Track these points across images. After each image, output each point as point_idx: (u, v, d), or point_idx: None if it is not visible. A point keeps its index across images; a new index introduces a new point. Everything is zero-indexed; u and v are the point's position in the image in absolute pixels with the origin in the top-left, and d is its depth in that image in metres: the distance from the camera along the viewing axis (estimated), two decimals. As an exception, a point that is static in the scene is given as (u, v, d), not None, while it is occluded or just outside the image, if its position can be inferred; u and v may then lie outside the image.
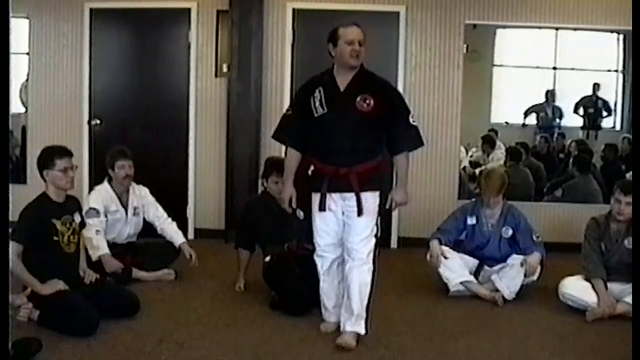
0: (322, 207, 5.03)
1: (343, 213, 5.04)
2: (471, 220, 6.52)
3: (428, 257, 6.34)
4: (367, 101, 4.92)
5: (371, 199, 4.99)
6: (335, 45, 4.95)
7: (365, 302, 5.02)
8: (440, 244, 6.38)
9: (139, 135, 8.28)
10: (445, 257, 6.31)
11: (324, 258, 5.19)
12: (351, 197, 4.96)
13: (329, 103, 4.94)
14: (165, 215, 6.80)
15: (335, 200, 5.02)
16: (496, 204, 6.45)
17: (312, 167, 5.13)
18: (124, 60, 8.51)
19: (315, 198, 5.08)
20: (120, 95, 8.47)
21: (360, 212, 4.95)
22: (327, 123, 4.95)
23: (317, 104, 4.95)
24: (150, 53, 8.46)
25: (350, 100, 4.93)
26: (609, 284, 5.92)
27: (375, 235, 5.03)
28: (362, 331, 5.03)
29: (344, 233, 5.07)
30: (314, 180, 5.10)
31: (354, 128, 4.96)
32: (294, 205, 5.24)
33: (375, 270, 5.04)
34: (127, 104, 8.48)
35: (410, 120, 5.07)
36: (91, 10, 8.29)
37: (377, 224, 5.04)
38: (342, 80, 4.99)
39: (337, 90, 4.98)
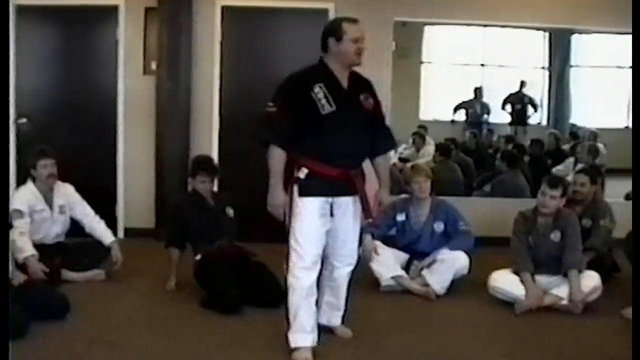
0: (332, 213, 4.71)
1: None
2: (400, 217, 6.57)
3: (361, 251, 6.29)
4: (369, 100, 4.81)
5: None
6: (338, 40, 4.62)
7: None
8: (373, 238, 6.42)
9: (67, 134, 8.15)
10: (377, 253, 6.35)
11: (310, 272, 4.71)
12: (349, 200, 4.77)
13: (336, 101, 4.61)
14: (92, 213, 6.72)
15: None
16: (425, 199, 6.52)
17: (304, 170, 4.64)
18: (51, 58, 8.38)
19: (309, 203, 4.65)
20: (47, 94, 8.34)
21: (371, 215, 4.89)
22: (337, 122, 4.61)
23: (324, 100, 4.58)
24: (78, 51, 8.34)
25: (356, 99, 4.75)
26: (536, 277, 6.02)
27: None
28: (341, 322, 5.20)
29: (334, 239, 4.85)
30: (308, 184, 4.64)
31: (361, 128, 4.78)
32: (287, 212, 4.68)
33: None
34: (54, 102, 8.35)
35: (386, 121, 5.07)
36: (17, 7, 8.14)
37: None
38: (342, 78, 4.71)
39: (341, 88, 4.70)
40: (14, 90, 8.13)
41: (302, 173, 4.65)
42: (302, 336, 4.76)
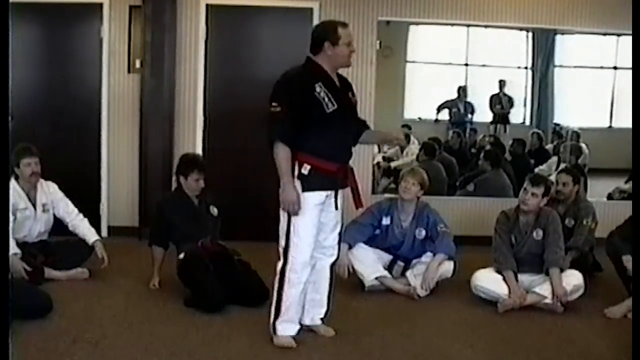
0: (336, 206, 4.94)
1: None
2: (386, 221, 6.52)
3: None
4: (354, 97, 5.08)
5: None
6: (334, 44, 4.81)
7: None
8: (350, 248, 6.35)
9: (50, 133, 8.13)
10: (348, 274, 6.30)
11: (308, 266, 4.92)
12: (339, 193, 4.97)
13: (336, 99, 4.81)
14: (76, 211, 6.70)
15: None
16: (410, 202, 6.47)
17: (306, 166, 4.79)
18: (35, 56, 8.33)
19: (311, 198, 4.81)
20: (30, 92, 8.29)
21: (362, 204, 5.10)
22: (338, 120, 4.82)
23: (327, 99, 4.77)
24: (62, 49, 8.30)
25: (348, 96, 4.99)
26: (519, 276, 6.05)
27: None
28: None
29: (321, 232, 4.99)
30: (311, 179, 4.80)
31: (354, 124, 5.07)
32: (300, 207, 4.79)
33: None
34: (37, 100, 8.30)
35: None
36: (0, 4, 8.11)
37: None
38: (334, 77, 4.94)
39: (337, 87, 4.91)
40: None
41: (305, 169, 4.80)
42: (289, 325, 4.97)
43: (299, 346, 4.94)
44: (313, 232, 4.88)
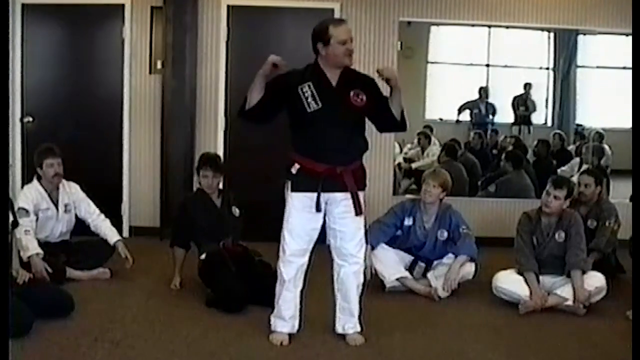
0: (318, 208, 4.83)
1: (324, 217, 4.94)
2: (408, 221, 6.49)
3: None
4: (360, 96, 4.85)
5: (361, 199, 4.94)
6: (325, 44, 4.75)
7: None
8: (373, 249, 6.33)
9: (72, 133, 8.17)
10: (370, 275, 6.26)
11: (291, 265, 4.94)
12: (343, 198, 4.87)
13: (323, 99, 4.75)
14: (97, 211, 6.73)
15: (321, 201, 4.87)
16: (432, 204, 6.45)
17: (296, 166, 4.83)
18: (57, 57, 8.39)
19: (297, 199, 4.86)
20: (53, 92, 8.36)
21: (360, 211, 4.91)
22: (323, 120, 4.76)
23: (310, 99, 4.75)
24: (84, 49, 8.35)
25: (345, 96, 4.82)
26: (540, 277, 6.03)
27: None
28: (359, 329, 5.14)
29: (334, 238, 4.99)
30: (298, 180, 4.84)
31: (349, 125, 4.88)
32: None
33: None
34: (60, 101, 8.36)
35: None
36: (23, 5, 8.15)
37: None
38: (332, 76, 4.84)
39: (330, 86, 4.83)
40: (19, 88, 8.16)
41: (294, 169, 4.85)
42: (279, 322, 5.08)
43: (320, 347, 4.96)
44: (297, 231, 4.90)
